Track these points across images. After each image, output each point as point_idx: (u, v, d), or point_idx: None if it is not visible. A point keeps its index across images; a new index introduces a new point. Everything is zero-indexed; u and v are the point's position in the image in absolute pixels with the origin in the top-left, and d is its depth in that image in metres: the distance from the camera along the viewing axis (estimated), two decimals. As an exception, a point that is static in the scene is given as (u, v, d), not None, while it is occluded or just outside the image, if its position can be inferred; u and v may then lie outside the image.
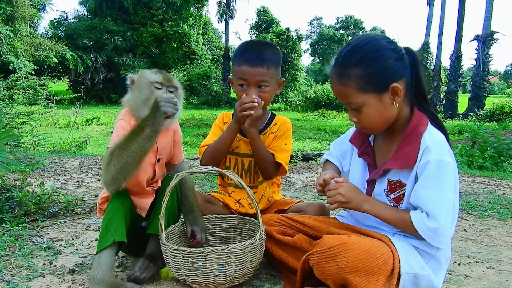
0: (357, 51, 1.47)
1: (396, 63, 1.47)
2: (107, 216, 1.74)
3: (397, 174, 1.55)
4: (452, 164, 1.44)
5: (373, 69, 1.45)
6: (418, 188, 1.46)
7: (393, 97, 1.48)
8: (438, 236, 1.43)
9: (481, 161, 6.15)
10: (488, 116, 21.22)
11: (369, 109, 1.50)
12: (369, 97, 1.48)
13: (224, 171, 1.75)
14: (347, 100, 1.52)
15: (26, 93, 10.66)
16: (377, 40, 1.49)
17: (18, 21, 23.55)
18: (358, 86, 1.46)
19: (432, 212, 1.42)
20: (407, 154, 1.50)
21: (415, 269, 1.49)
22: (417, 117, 1.52)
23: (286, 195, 3.34)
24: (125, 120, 1.86)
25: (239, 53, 2.06)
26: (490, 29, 23.37)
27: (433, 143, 1.45)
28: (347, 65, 1.47)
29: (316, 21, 61.72)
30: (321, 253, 1.40)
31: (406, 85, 1.50)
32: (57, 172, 4.47)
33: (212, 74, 31.91)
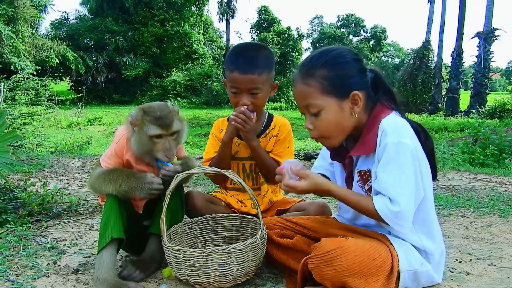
0: (324, 55, 1.51)
1: (358, 74, 1.50)
2: (105, 215, 1.77)
3: (364, 163, 1.56)
4: (411, 146, 1.42)
5: (338, 72, 1.47)
6: (378, 172, 1.45)
7: (352, 106, 1.49)
8: (400, 220, 1.42)
9: (482, 159, 6.14)
10: (490, 113, 21.19)
11: (327, 115, 1.49)
12: (330, 101, 1.48)
13: (224, 171, 1.75)
14: (308, 101, 1.51)
15: (28, 94, 10.70)
16: (344, 49, 1.54)
17: (19, 22, 23.62)
18: (322, 86, 1.47)
19: (393, 196, 1.41)
20: (367, 140, 1.50)
21: (414, 266, 1.49)
22: (378, 109, 1.53)
23: (287, 194, 3.35)
24: (119, 146, 1.89)
25: (230, 58, 2.02)
26: (491, 26, 23.31)
27: (390, 126, 1.45)
28: (313, 66, 1.49)
29: (317, 19, 61.65)
30: (318, 258, 1.41)
31: (366, 97, 1.51)
32: (60, 172, 4.49)
33: (213, 73, 31.91)
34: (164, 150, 1.81)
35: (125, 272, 1.76)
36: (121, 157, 1.89)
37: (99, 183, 1.82)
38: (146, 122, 1.79)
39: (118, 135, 1.91)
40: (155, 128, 1.78)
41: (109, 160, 1.88)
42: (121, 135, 1.89)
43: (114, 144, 1.89)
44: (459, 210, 3.07)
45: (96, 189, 1.87)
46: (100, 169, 1.87)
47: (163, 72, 32.50)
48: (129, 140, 1.85)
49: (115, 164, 1.88)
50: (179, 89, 30.78)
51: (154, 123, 1.79)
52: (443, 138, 12.48)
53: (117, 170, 1.85)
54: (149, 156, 1.85)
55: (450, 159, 6.48)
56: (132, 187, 1.77)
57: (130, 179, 1.79)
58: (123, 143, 1.87)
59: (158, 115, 1.79)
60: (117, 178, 1.79)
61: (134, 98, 30.68)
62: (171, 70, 32.40)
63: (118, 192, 1.78)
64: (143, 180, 1.78)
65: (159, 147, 1.80)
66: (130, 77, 30.62)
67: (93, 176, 1.87)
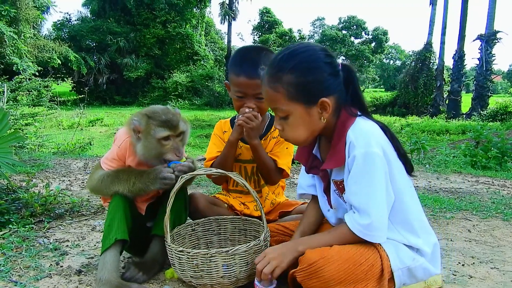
0: (293, 57, 1.44)
1: (329, 78, 1.44)
2: (109, 216, 1.77)
3: (338, 174, 1.54)
4: (378, 154, 1.40)
5: (305, 79, 1.42)
6: (349, 184, 1.44)
7: (321, 112, 1.45)
8: (372, 231, 1.41)
9: (484, 161, 6.14)
10: (491, 116, 21.18)
11: (295, 120, 1.47)
12: (297, 107, 1.45)
13: (228, 172, 1.75)
14: (275, 105, 1.49)
15: (30, 95, 10.71)
16: (315, 51, 1.46)
17: (22, 23, 23.67)
18: (288, 93, 1.43)
19: (363, 207, 1.40)
20: (336, 152, 1.48)
21: (406, 263, 1.47)
22: (343, 118, 1.49)
23: (290, 196, 3.34)
24: (121, 150, 1.88)
25: (236, 62, 2.01)
26: (493, 28, 23.33)
27: (356, 137, 1.42)
28: (281, 69, 1.44)
29: (318, 21, 61.74)
30: (303, 271, 1.40)
31: (336, 100, 1.47)
32: (62, 173, 4.50)
33: (214, 75, 31.94)
34: (173, 150, 1.81)
35: (128, 273, 1.76)
36: (123, 160, 1.89)
37: (106, 184, 1.82)
38: (152, 126, 1.78)
39: (119, 138, 1.90)
40: (162, 130, 1.78)
41: (111, 163, 1.88)
42: (123, 138, 1.88)
43: (116, 147, 1.89)
44: (462, 213, 3.07)
45: (100, 190, 1.87)
46: (102, 171, 1.87)
47: (165, 74, 32.54)
48: (133, 146, 1.85)
49: (117, 167, 1.88)
50: (180, 91, 30.82)
51: (161, 126, 1.79)
52: (445, 140, 12.48)
53: (126, 170, 1.86)
54: (156, 160, 1.84)
55: (452, 162, 6.48)
56: (146, 183, 1.78)
57: (143, 175, 1.79)
58: (126, 146, 1.87)
59: (164, 118, 1.80)
60: (128, 177, 1.80)
61: (136, 99, 30.73)
62: (172, 72, 32.45)
63: (130, 191, 1.79)
64: (155, 172, 1.78)
65: (168, 148, 1.81)
66: (132, 78, 30.66)
67: (94, 178, 1.86)
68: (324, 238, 1.52)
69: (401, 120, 22.52)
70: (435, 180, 4.68)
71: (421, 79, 27.22)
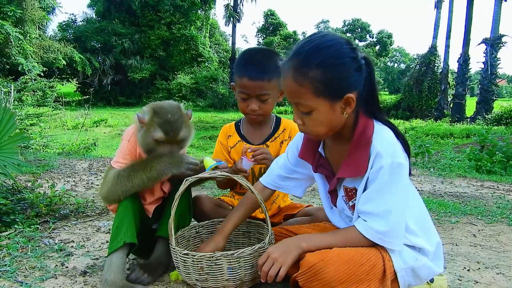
0: (320, 51, 1.40)
1: (355, 73, 1.42)
2: (118, 218, 1.77)
3: (352, 182, 1.53)
4: (404, 164, 1.41)
5: (332, 75, 1.39)
6: (373, 191, 1.42)
7: (344, 107, 1.44)
8: (390, 238, 1.41)
9: (489, 166, 6.12)
10: (496, 120, 21.10)
11: (318, 115, 1.45)
12: (322, 103, 1.43)
13: (233, 175, 1.75)
14: (298, 100, 1.46)
15: (35, 95, 10.77)
16: (341, 45, 1.42)
17: (27, 24, 23.82)
18: (314, 88, 1.40)
19: (382, 215, 1.40)
20: (357, 162, 1.46)
21: (409, 263, 1.47)
22: (362, 121, 1.48)
23: (294, 199, 3.34)
24: (131, 143, 1.88)
25: (240, 64, 2.03)
26: (498, 32, 23.27)
27: (383, 147, 1.41)
28: (307, 64, 1.40)
29: (323, 24, 61.76)
30: (304, 274, 1.39)
31: (358, 96, 1.45)
32: (67, 174, 4.52)
33: (219, 76, 32.01)
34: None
35: (133, 275, 1.76)
36: (134, 154, 1.88)
37: (123, 181, 1.77)
38: (154, 124, 1.78)
39: (128, 133, 1.91)
40: (161, 133, 1.78)
41: (123, 160, 1.86)
42: (131, 132, 1.90)
43: (125, 142, 1.89)
44: (467, 218, 3.06)
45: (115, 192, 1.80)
46: (115, 170, 1.84)
47: (169, 75, 32.63)
48: (137, 132, 1.86)
49: (129, 162, 1.86)
50: (184, 92, 30.88)
51: (161, 127, 1.77)
52: (449, 144, 12.43)
53: (142, 159, 1.85)
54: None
55: (456, 166, 6.46)
56: (167, 166, 1.77)
57: (162, 158, 1.78)
58: (135, 140, 1.88)
59: (168, 118, 1.78)
60: (145, 164, 1.78)
61: (140, 100, 30.80)
62: (177, 73, 32.53)
63: (148, 178, 1.76)
64: (180, 157, 1.78)
65: (162, 150, 1.81)
66: (136, 79, 30.76)
67: (109, 180, 1.81)
68: (329, 238, 1.51)
69: (405, 123, 22.45)
70: (440, 184, 4.66)
71: (425, 82, 27.14)
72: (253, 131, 2.21)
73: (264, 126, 2.20)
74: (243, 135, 2.21)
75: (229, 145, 2.21)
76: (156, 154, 1.81)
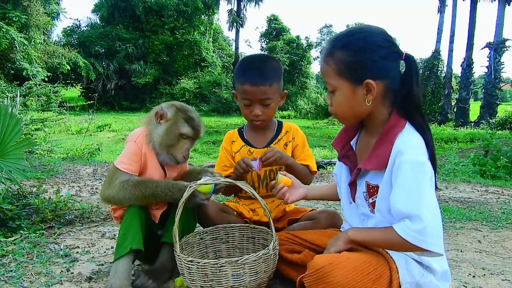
0: (349, 36, 1.47)
1: (380, 60, 1.43)
2: (125, 225, 1.77)
3: (375, 177, 1.52)
4: (427, 164, 1.39)
5: (355, 58, 1.43)
6: (395, 193, 1.40)
7: (366, 93, 1.45)
8: (426, 236, 1.34)
9: (494, 171, 6.09)
10: (500, 124, 21.03)
11: (340, 96, 1.49)
12: (344, 84, 1.47)
13: (236, 182, 1.76)
14: (325, 79, 1.53)
15: (39, 100, 10.84)
16: (372, 33, 1.46)
17: (32, 29, 23.98)
18: (338, 68, 1.46)
19: (414, 213, 1.35)
20: (379, 155, 1.46)
21: (416, 277, 1.45)
22: (393, 120, 1.48)
23: (298, 204, 3.34)
24: (137, 144, 1.89)
25: (240, 71, 2.06)
26: (502, 36, 23.25)
27: (406, 145, 1.41)
28: (335, 46, 1.48)
29: (326, 28, 61.82)
30: (311, 276, 1.39)
31: (386, 87, 1.45)
32: (72, 179, 4.53)
33: (222, 81, 32.07)
34: (184, 152, 1.88)
35: (138, 281, 1.77)
36: (139, 155, 1.88)
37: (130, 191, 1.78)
38: (180, 118, 1.85)
39: (135, 134, 1.91)
40: (188, 128, 1.85)
41: (127, 161, 1.85)
42: (139, 133, 1.91)
43: (132, 143, 1.88)
44: (472, 223, 3.05)
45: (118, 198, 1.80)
46: (124, 177, 1.82)
47: (173, 80, 32.73)
48: (149, 132, 1.88)
49: (134, 163, 1.86)
50: (188, 97, 30.93)
51: (188, 122, 1.85)
52: (453, 149, 12.39)
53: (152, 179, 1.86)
54: (164, 153, 1.88)
55: (460, 171, 6.43)
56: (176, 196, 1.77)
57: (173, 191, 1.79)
58: (142, 141, 1.89)
59: (193, 116, 1.87)
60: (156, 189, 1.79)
61: (143, 105, 30.89)
62: (180, 78, 32.62)
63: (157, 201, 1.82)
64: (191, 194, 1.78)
65: (182, 146, 1.86)
66: (140, 84, 30.87)
67: (115, 185, 1.80)
68: (374, 233, 1.48)
69: (408, 127, 22.37)
70: (444, 189, 4.65)
71: (429, 86, 27.09)
72: (257, 136, 2.23)
73: (267, 130, 2.22)
74: (247, 139, 2.23)
75: (233, 151, 2.23)
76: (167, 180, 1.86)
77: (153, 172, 1.92)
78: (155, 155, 1.91)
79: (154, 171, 1.93)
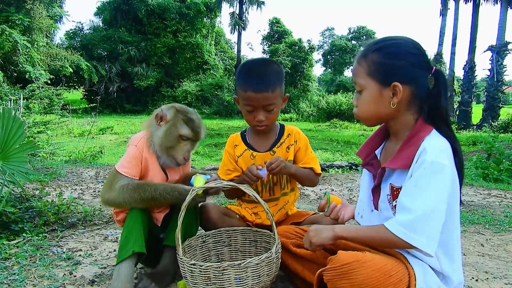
0: (382, 42, 1.55)
1: (409, 66, 1.48)
2: (127, 228, 1.78)
3: (399, 179, 1.53)
4: (448, 167, 1.39)
5: (386, 61, 1.50)
6: (408, 185, 1.42)
7: (392, 96, 1.49)
8: (414, 234, 1.34)
9: (496, 174, 6.08)
10: (502, 127, 20.96)
11: (367, 95, 1.54)
12: (372, 84, 1.52)
13: (239, 185, 1.76)
14: (355, 78, 1.57)
15: (41, 102, 10.85)
16: (405, 41, 1.53)
17: (35, 32, 24.06)
18: (368, 69, 1.52)
19: (407, 206, 1.37)
20: (404, 155, 1.48)
21: (432, 287, 1.46)
22: (420, 125, 1.51)
23: (300, 207, 3.34)
24: (138, 148, 1.90)
25: (242, 78, 2.05)
26: (504, 39, 23.22)
27: (431, 146, 1.43)
28: (369, 49, 1.55)
29: (328, 31, 61.81)
30: (334, 270, 1.39)
31: (413, 93, 1.49)
32: (74, 182, 4.54)
33: (224, 84, 32.09)
34: (184, 153, 1.88)
35: (141, 284, 1.77)
36: (140, 159, 1.89)
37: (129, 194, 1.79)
38: (180, 120, 1.85)
39: (136, 138, 1.93)
40: (187, 130, 1.86)
41: (128, 165, 1.86)
42: (140, 137, 1.92)
43: (133, 147, 1.90)
44: (474, 227, 3.04)
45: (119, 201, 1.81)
46: (124, 181, 1.84)
47: (175, 82, 32.78)
48: (150, 135, 1.89)
49: (134, 167, 1.88)
50: (190, 99, 30.96)
51: (187, 124, 1.86)
52: (455, 152, 12.33)
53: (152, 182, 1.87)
54: (165, 155, 1.89)
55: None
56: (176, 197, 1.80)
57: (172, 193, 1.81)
58: (142, 145, 1.90)
59: (192, 117, 1.88)
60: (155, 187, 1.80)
61: (146, 107, 30.94)
62: (182, 81, 32.67)
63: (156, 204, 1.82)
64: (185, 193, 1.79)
65: (182, 148, 1.86)
66: (142, 87, 30.92)
67: (115, 188, 1.82)
68: (361, 229, 1.51)
69: (411, 130, 22.34)
70: (447, 192, 4.63)
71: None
72: (259, 139, 2.23)
73: (269, 134, 2.22)
74: (249, 143, 2.23)
75: (236, 154, 2.23)
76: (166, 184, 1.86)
77: (154, 175, 1.93)
78: (156, 158, 1.92)
79: (155, 174, 1.93)
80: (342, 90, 36.84)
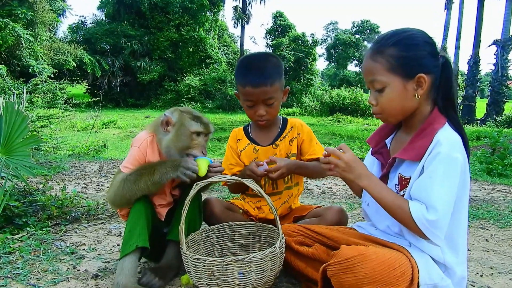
0: (396, 35, 1.52)
1: (428, 56, 1.49)
2: (130, 222, 1.77)
3: (408, 169, 1.53)
4: (461, 161, 1.41)
5: (407, 53, 1.48)
6: (424, 178, 1.43)
7: (416, 88, 1.49)
8: (436, 229, 1.39)
9: (501, 169, 6.05)
10: (507, 122, 20.84)
11: (391, 92, 1.51)
12: (395, 80, 1.49)
13: (243, 179, 1.75)
14: (373, 77, 1.53)
15: (45, 97, 10.87)
16: (418, 33, 1.53)
17: (38, 26, 24.04)
18: (389, 64, 1.49)
19: (433, 204, 1.38)
20: (417, 147, 1.49)
21: (435, 280, 1.46)
22: (434, 116, 1.52)
23: (304, 202, 3.33)
24: (141, 149, 1.89)
25: (241, 72, 2.05)
26: (510, 33, 23.01)
27: (446, 139, 1.43)
28: (384, 44, 1.51)
29: (331, 25, 61.62)
30: (338, 264, 1.39)
31: (432, 81, 1.50)
32: (78, 176, 4.55)
33: (227, 78, 32.03)
34: (200, 148, 1.87)
35: (144, 279, 1.77)
36: (143, 161, 1.90)
37: (129, 185, 1.78)
38: (187, 118, 1.86)
39: (139, 140, 1.92)
40: (197, 125, 1.87)
41: (131, 166, 1.87)
42: (143, 139, 1.91)
43: (136, 148, 1.90)
44: (479, 222, 3.03)
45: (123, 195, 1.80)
46: (122, 174, 1.85)
47: (178, 77, 32.76)
48: (158, 141, 1.89)
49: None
50: (193, 94, 30.95)
51: (194, 120, 1.87)
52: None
53: (149, 163, 1.86)
54: (180, 155, 1.88)
55: (467, 169, 6.39)
56: (166, 169, 1.77)
57: (165, 163, 1.80)
58: (146, 146, 1.90)
59: (198, 114, 1.90)
60: (151, 168, 1.79)
61: (149, 102, 30.98)
62: (185, 75, 32.64)
63: (152, 182, 1.77)
64: (179, 160, 1.79)
65: (196, 143, 1.87)
66: (145, 81, 30.92)
67: (116, 184, 1.83)
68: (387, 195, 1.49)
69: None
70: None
71: (435, 84, 26.93)
72: (262, 134, 2.22)
73: (272, 128, 2.21)
74: (252, 138, 2.23)
75: (238, 149, 2.22)
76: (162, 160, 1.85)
77: None
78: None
79: None
80: (345, 85, 36.65)
